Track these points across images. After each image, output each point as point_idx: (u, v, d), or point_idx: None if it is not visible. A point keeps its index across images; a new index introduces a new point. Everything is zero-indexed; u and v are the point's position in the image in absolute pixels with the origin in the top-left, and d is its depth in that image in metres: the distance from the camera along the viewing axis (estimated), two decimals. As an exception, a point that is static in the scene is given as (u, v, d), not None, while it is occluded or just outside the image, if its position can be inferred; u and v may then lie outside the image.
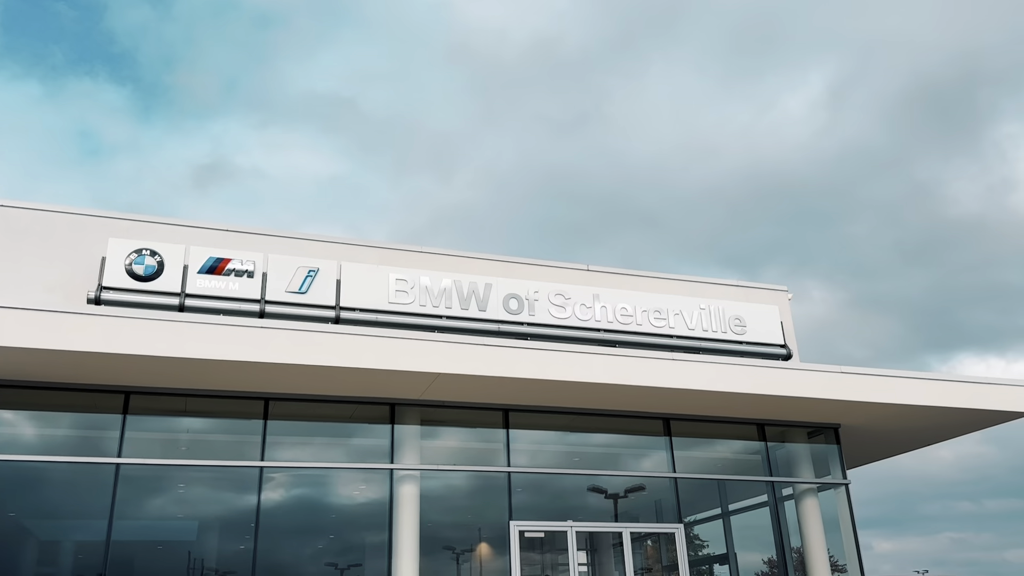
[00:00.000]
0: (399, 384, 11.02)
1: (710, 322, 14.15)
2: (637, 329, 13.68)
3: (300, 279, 12.19)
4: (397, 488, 11.44)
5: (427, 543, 11.47)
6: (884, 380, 12.47)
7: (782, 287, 15.22)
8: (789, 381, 12.11)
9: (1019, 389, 13.04)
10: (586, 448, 13.10)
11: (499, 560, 11.68)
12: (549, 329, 13.13)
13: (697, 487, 13.19)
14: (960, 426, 13.85)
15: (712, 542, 13.74)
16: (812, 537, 13.26)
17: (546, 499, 12.51)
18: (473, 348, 10.85)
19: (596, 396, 11.85)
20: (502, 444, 12.11)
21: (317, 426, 11.84)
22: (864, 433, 13.89)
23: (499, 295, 13.10)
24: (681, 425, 13.04)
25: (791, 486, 13.56)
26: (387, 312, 12.43)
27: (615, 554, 12.53)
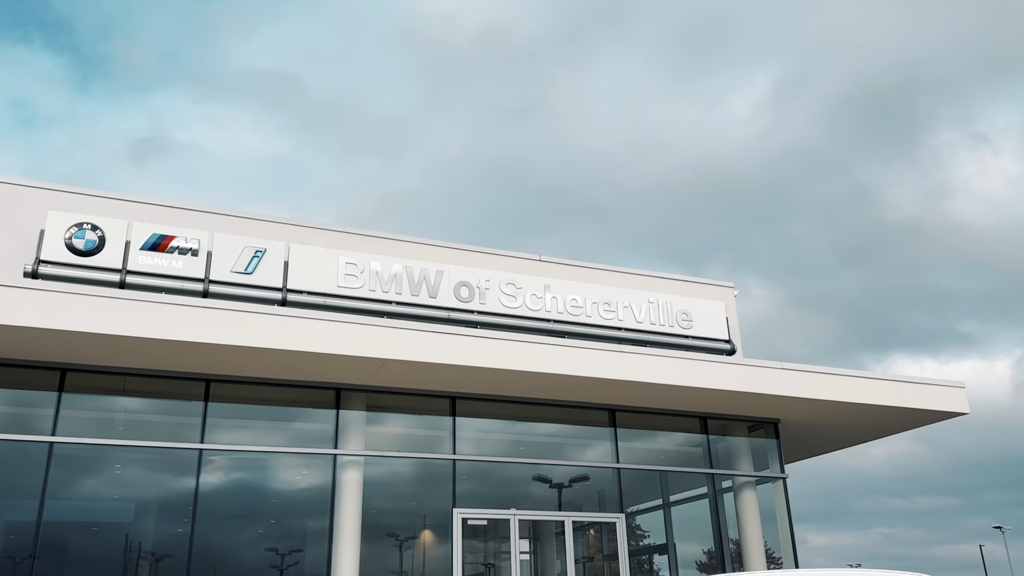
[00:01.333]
0: (346, 369, 10.92)
1: (658, 316, 14.31)
2: (587, 321, 13.77)
3: (246, 259, 11.97)
4: (340, 474, 11.35)
5: (370, 530, 11.41)
6: (823, 377, 12.78)
7: (728, 283, 15.48)
8: (732, 376, 12.33)
9: (951, 390, 13.48)
10: (532, 437, 13.16)
11: (442, 548, 11.69)
12: (500, 318, 13.13)
13: (640, 478, 13.36)
14: (895, 424, 14.28)
15: (653, 532, 13.95)
16: (749, 529, 13.55)
17: (490, 487, 12.55)
18: (422, 335, 10.80)
19: (544, 386, 11.91)
20: (448, 432, 12.09)
21: (260, 409, 11.66)
22: (802, 429, 14.23)
23: (450, 282, 13.06)
24: (626, 416, 13.19)
25: (731, 479, 13.83)
26: (336, 296, 12.30)
27: (557, 543, 12.64)
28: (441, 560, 11.57)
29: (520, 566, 11.92)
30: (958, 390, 13.50)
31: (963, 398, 13.50)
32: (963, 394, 13.51)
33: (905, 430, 14.64)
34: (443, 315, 12.72)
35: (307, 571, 11.35)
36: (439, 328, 11.05)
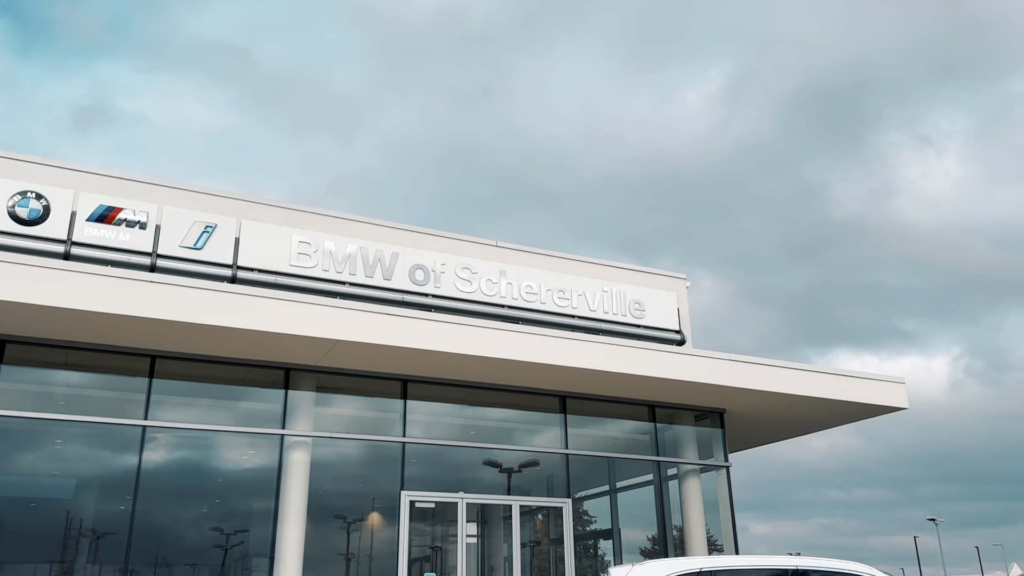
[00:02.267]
0: (296, 349, 10.82)
1: (611, 304, 14.45)
2: (541, 307, 13.83)
3: (196, 234, 11.75)
4: (287, 454, 11.26)
5: (316, 511, 11.36)
6: (769, 369, 13.05)
7: (681, 275, 15.67)
8: (681, 366, 12.52)
9: (892, 386, 13.88)
10: (483, 422, 13.21)
11: (389, 530, 11.68)
12: (454, 302, 13.12)
13: (588, 464, 13.51)
14: (837, 417, 14.66)
15: (599, 517, 14.14)
16: (692, 516, 13.81)
17: (439, 471, 12.57)
18: (375, 317, 10.75)
19: (496, 371, 11.95)
20: (398, 414, 12.07)
21: (206, 387, 11.49)
22: (747, 419, 14.53)
23: (405, 265, 13.00)
24: (577, 403, 13.31)
25: (676, 466, 14.07)
26: (288, 275, 12.15)
27: (504, 527, 12.73)
28: (388, 543, 11.57)
29: (467, 549, 11.98)
30: (898, 386, 13.90)
31: (903, 393, 13.91)
32: (903, 390, 13.92)
33: (847, 423, 15.05)
34: (397, 298, 12.66)
35: (252, 551, 11.25)
36: (392, 310, 10.99)
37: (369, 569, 12.16)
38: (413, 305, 12.53)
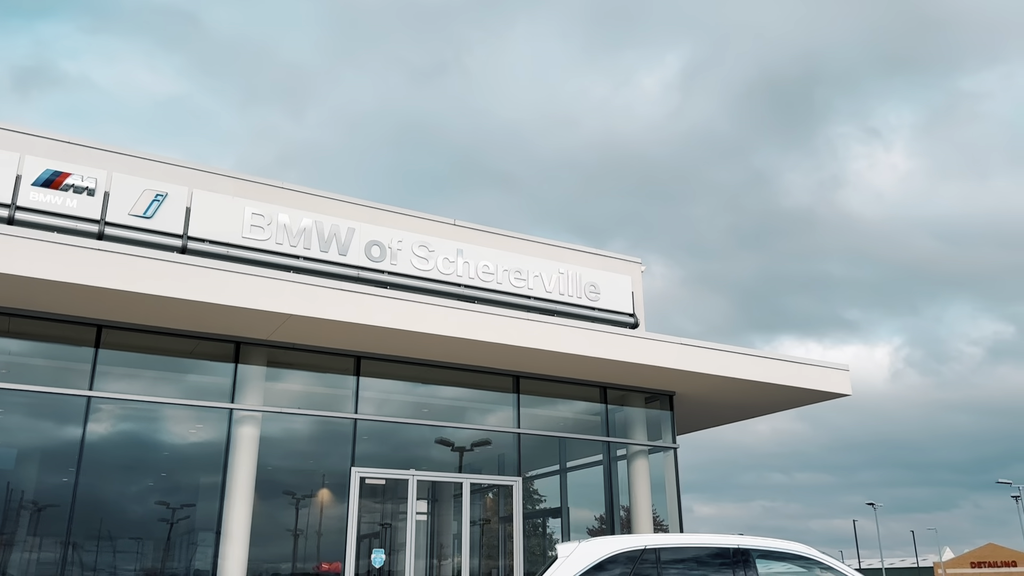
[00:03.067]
0: (247, 323, 10.67)
1: (567, 287, 14.53)
2: (498, 288, 13.85)
3: (146, 202, 11.48)
4: (236, 429, 11.14)
5: (265, 486, 11.27)
6: (719, 354, 13.28)
7: (636, 259, 15.83)
8: (634, 349, 12.67)
9: (836, 372, 14.24)
10: (435, 400, 13.22)
11: (338, 507, 11.65)
12: (411, 280, 13.06)
13: (539, 444, 13.62)
14: (782, 402, 15.00)
15: (548, 497, 14.30)
16: (639, 497, 14.04)
17: (391, 449, 12.55)
18: (328, 292, 10.65)
19: (450, 349, 11.95)
20: (351, 391, 12.01)
21: (154, 359, 11.28)
22: (695, 402, 14.78)
23: (361, 241, 12.88)
24: (530, 383, 13.40)
25: (625, 447, 14.27)
26: (240, 247, 11.96)
27: (455, 505, 12.79)
28: (337, 520, 11.55)
29: (416, 527, 12.02)
30: (842, 372, 14.27)
31: (846, 380, 14.28)
32: (847, 377, 14.29)
33: (791, 408, 15.41)
34: (353, 273, 12.56)
35: (198, 526, 11.13)
36: (346, 286, 10.91)
37: (318, 545, 12.13)
38: (368, 282, 12.44)
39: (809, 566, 6.56)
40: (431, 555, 12.77)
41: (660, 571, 6.56)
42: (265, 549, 11.26)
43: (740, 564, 6.48)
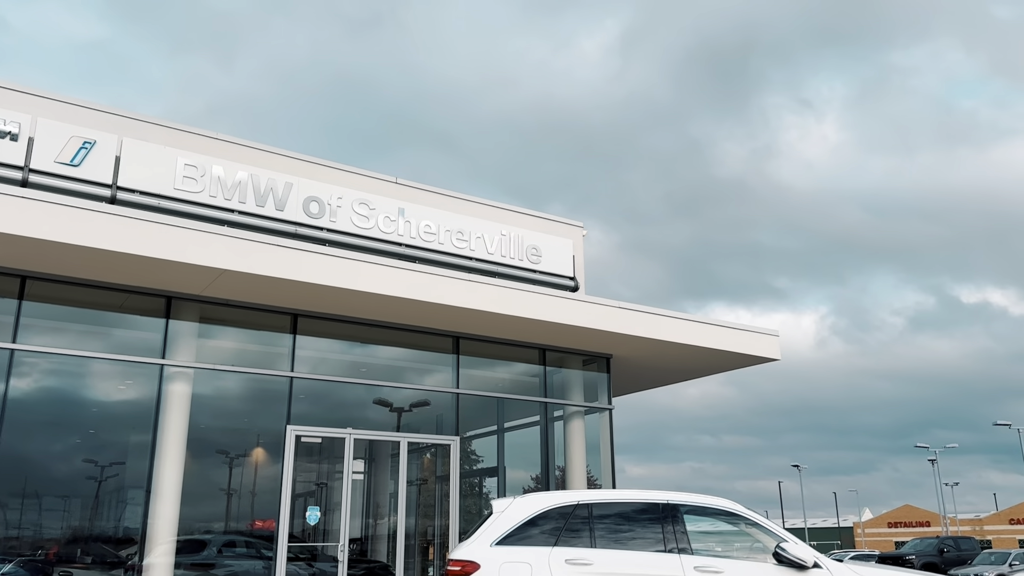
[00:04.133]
0: (179, 277, 10.39)
1: (509, 249, 14.53)
2: (439, 248, 13.77)
3: (73, 150, 11.01)
4: (167, 386, 10.89)
5: (197, 445, 11.09)
6: (655, 318, 13.51)
7: (578, 223, 15.90)
8: (573, 311, 12.78)
9: (766, 338, 14.64)
10: (374, 360, 13.14)
11: (273, 466, 11.55)
12: (350, 238, 12.86)
13: (478, 404, 13.69)
14: (715, 365, 15.36)
15: (485, 457, 14.43)
16: (575, 457, 14.29)
17: (328, 409, 12.44)
18: (264, 247, 10.43)
19: (389, 309, 11.87)
20: (287, 349, 11.84)
21: (81, 312, 10.91)
22: (631, 365, 15.04)
23: (299, 196, 12.61)
24: (470, 344, 13.42)
25: (562, 408, 14.46)
26: (172, 199, 11.59)
27: (392, 464, 12.80)
28: (272, 479, 11.45)
29: (353, 486, 12.00)
30: (772, 338, 14.68)
31: (776, 346, 14.70)
32: (776, 342, 14.71)
33: (723, 371, 15.81)
34: (290, 230, 12.30)
35: (128, 484, 10.91)
36: (283, 242, 10.69)
37: (252, 505, 12.03)
38: (306, 238, 12.21)
39: (735, 521, 6.78)
40: (367, 514, 12.80)
41: (592, 526, 6.70)
42: (197, 508, 11.12)
43: (669, 519, 6.66)
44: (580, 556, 6.48)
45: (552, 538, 6.63)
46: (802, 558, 6.22)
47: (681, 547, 6.48)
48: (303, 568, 11.47)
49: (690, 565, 6.34)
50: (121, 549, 10.64)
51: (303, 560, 11.51)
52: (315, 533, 11.85)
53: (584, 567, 6.41)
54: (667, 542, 6.52)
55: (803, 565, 6.22)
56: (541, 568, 6.43)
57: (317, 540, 11.82)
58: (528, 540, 6.65)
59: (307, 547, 11.63)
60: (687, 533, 6.58)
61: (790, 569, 6.24)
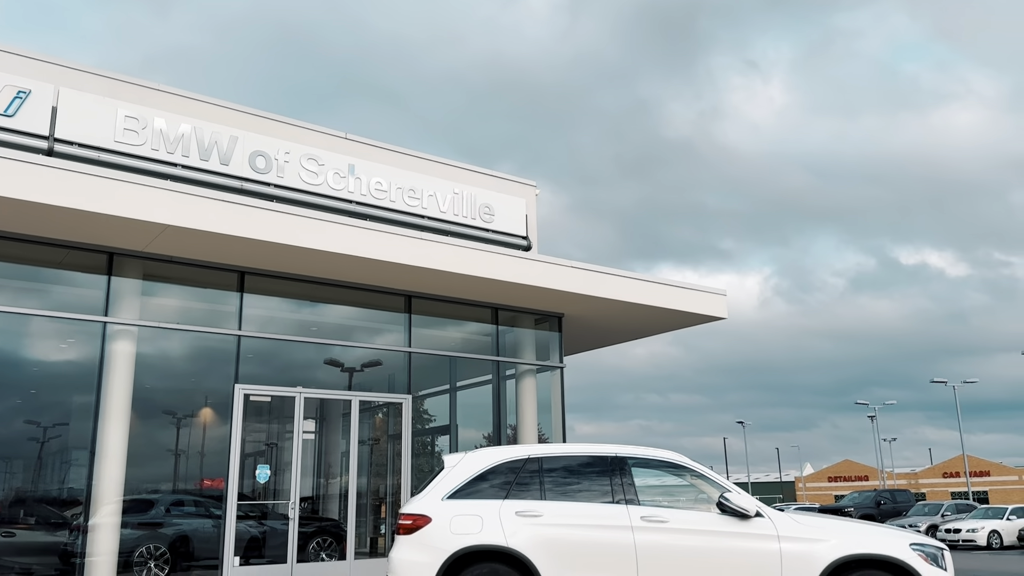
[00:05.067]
0: (120, 232, 10.09)
1: (461, 207, 14.43)
2: (390, 206, 13.59)
3: (7, 99, 10.53)
4: (110, 345, 10.64)
5: (143, 405, 10.89)
6: (607, 277, 13.61)
7: (531, 182, 15.84)
8: (526, 271, 12.79)
9: (714, 297, 14.88)
10: (325, 319, 13.01)
11: (222, 427, 11.42)
12: (298, 194, 12.61)
13: (430, 364, 13.69)
14: (664, 324, 15.57)
15: (438, 416, 14.48)
16: (526, 415, 14.43)
17: (278, 369, 12.29)
18: (210, 203, 10.17)
19: (339, 267, 11.72)
20: (234, 307, 11.64)
21: (19, 268, 10.53)
22: (582, 324, 15.17)
23: (245, 150, 12.30)
24: (422, 303, 13.37)
25: (514, 367, 14.55)
26: (112, 152, 11.19)
27: (343, 423, 12.76)
28: (220, 440, 11.32)
29: (303, 445, 11.95)
30: (720, 297, 14.93)
31: (723, 305, 14.95)
32: (724, 301, 14.96)
33: (673, 330, 16.04)
34: (236, 185, 12.00)
35: (71, 445, 10.69)
36: (229, 197, 10.43)
37: (201, 465, 11.91)
38: (253, 194, 11.93)
39: (681, 473, 6.93)
40: (319, 474, 12.78)
41: (542, 479, 6.79)
42: (144, 469, 10.97)
43: (616, 471, 6.78)
44: (530, 508, 6.57)
45: (503, 491, 6.71)
46: (745, 507, 6.40)
47: (628, 498, 6.61)
48: (254, 526, 11.43)
49: (637, 515, 6.48)
50: (66, 510, 10.47)
51: (253, 518, 11.47)
52: (265, 492, 11.80)
53: (534, 519, 6.51)
54: (615, 494, 6.64)
55: (745, 514, 6.40)
56: (492, 520, 6.51)
57: (267, 499, 11.77)
58: (479, 494, 6.72)
59: (257, 505, 11.59)
60: (634, 485, 6.71)
61: (733, 518, 6.42)
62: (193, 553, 10.95)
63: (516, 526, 6.42)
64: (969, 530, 27.41)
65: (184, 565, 10.84)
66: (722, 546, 6.31)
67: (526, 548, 6.33)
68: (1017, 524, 27.41)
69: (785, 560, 6.21)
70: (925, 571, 6.15)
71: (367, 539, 12.78)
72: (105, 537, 10.21)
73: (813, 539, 6.28)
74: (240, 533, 11.11)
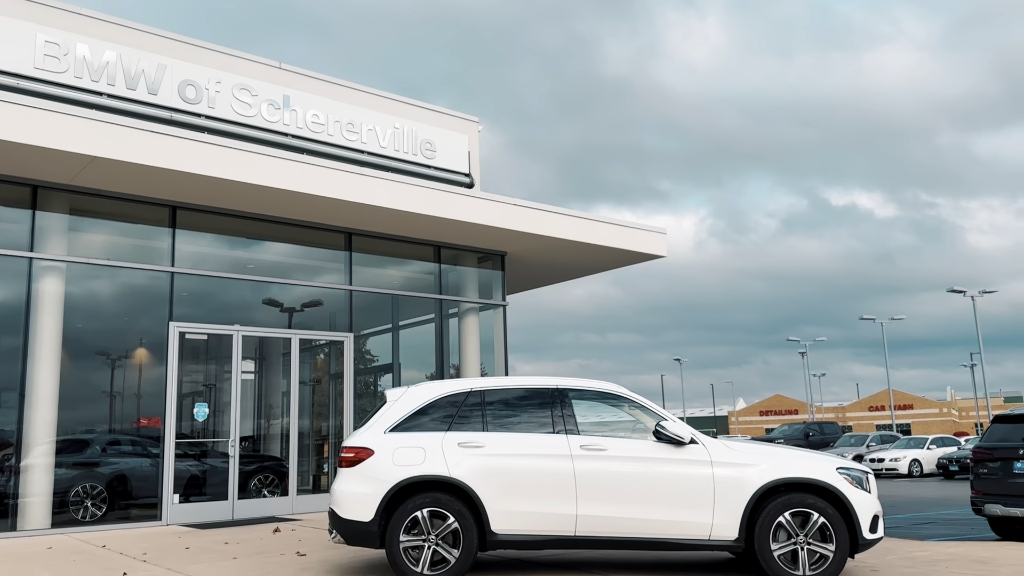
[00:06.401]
0: (44, 164, 9.63)
1: (402, 143, 14.16)
2: (328, 140, 13.25)
3: (-91, 20, 9.83)
4: (37, 283, 10.24)
5: (75, 346, 10.58)
6: (550, 215, 13.60)
7: (474, 117, 15.60)
8: (469, 208, 12.69)
9: (655, 235, 15.03)
10: (262, 257, 12.73)
11: (158, 367, 11.17)
12: (231, 126, 12.17)
13: (371, 303, 13.58)
14: (606, 262, 15.68)
15: (380, 356, 14.44)
16: (469, 354, 14.49)
17: (214, 310, 11.98)
18: (138, 134, 9.75)
19: (276, 203, 11.44)
20: (167, 243, 11.29)
21: (-68, 202, 10.01)
22: (525, 262, 15.20)
23: (174, 79, 11.77)
24: (363, 241, 13.18)
25: (457, 306, 14.55)
26: (32, 79, 10.60)
27: (284, 363, 12.62)
28: (157, 382, 11.09)
29: (243, 386, 11.80)
30: (660, 235, 15.09)
31: (663, 243, 15.13)
32: (664, 239, 15.14)
33: (614, 268, 16.18)
34: (164, 115, 11.51)
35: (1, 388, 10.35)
36: (158, 128, 10.02)
37: (138, 406, 11.66)
38: (183, 125, 11.46)
39: (619, 403, 7.06)
40: (259, 415, 12.66)
41: (484, 411, 6.84)
42: (78, 411, 10.69)
43: (557, 403, 6.87)
44: (472, 439, 6.63)
45: (445, 424, 6.75)
46: (680, 434, 6.57)
47: (569, 429, 6.72)
48: (194, 465, 11.33)
49: (576, 444, 6.60)
50: (-5, 452, 10.19)
51: (193, 457, 11.36)
52: (205, 432, 11.67)
53: (476, 449, 6.58)
54: (555, 424, 6.74)
55: (681, 441, 6.57)
56: (435, 452, 6.55)
57: (208, 438, 11.64)
58: (421, 426, 6.74)
59: (197, 444, 11.46)
60: (574, 416, 6.82)
61: (669, 445, 6.59)
62: (132, 492, 10.82)
63: (459, 457, 6.48)
64: (892, 459, 28.87)
65: (122, 504, 10.71)
66: (658, 471, 6.48)
67: (468, 478, 6.40)
68: (936, 453, 28.96)
69: (718, 483, 6.43)
70: (850, 493, 6.43)
71: (310, 477, 12.80)
72: (38, 478, 10.00)
73: (744, 464, 6.50)
74: (180, 472, 11.00)
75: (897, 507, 15.10)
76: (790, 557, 6.34)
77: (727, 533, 6.42)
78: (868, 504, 6.56)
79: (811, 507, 6.40)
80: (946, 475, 26.65)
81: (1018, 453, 9.58)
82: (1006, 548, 8.52)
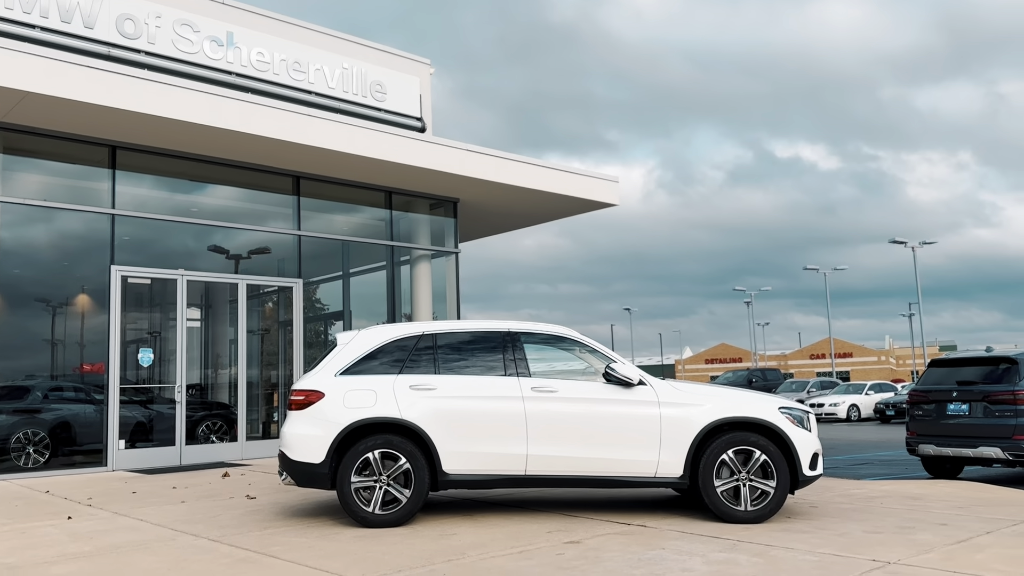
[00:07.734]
0: (-29, 99, 9.16)
1: (351, 84, 13.82)
2: (274, 79, 12.87)
3: None
4: (-31, 222, 9.83)
5: (11, 292, 10.24)
6: (504, 162, 13.48)
7: (425, 60, 15.27)
8: (420, 153, 12.50)
9: (607, 183, 15.05)
10: (207, 200, 12.40)
11: (100, 314, 10.88)
12: (171, 63, 11.73)
13: (322, 250, 13.37)
14: (559, 210, 15.67)
15: (331, 304, 14.29)
16: (421, 301, 14.43)
17: (158, 256, 11.64)
18: (73, 68, 9.33)
19: (221, 144, 11.11)
20: (107, 185, 10.92)
21: None
22: (477, 210, 15.10)
23: (111, 13, 11.25)
24: (311, 185, 12.92)
25: (409, 252, 14.42)
26: (-45, 8, 10.02)
27: (231, 311, 12.41)
28: (99, 329, 10.81)
29: (189, 334, 11.58)
30: (612, 184, 15.11)
31: (615, 192, 15.16)
32: (616, 188, 15.16)
33: (567, 216, 16.18)
34: (102, 51, 11.03)
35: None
36: (95, 63, 9.59)
37: (81, 354, 11.37)
38: (122, 61, 11.00)
39: (570, 347, 7.13)
40: (206, 364, 12.47)
41: (436, 355, 6.84)
42: (17, 360, 10.40)
43: (509, 346, 6.90)
44: (424, 382, 6.63)
45: (396, 367, 6.73)
46: (629, 376, 6.67)
47: (520, 371, 6.76)
48: (140, 411, 11.15)
49: (528, 386, 6.66)
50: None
51: (139, 403, 11.18)
52: (151, 378, 11.47)
53: (428, 392, 6.59)
54: (507, 367, 6.78)
55: (629, 382, 6.67)
56: (386, 394, 6.54)
57: (153, 384, 11.45)
58: (373, 370, 6.72)
59: (142, 390, 11.27)
60: (526, 359, 6.86)
61: (618, 386, 6.69)
62: (76, 438, 10.62)
63: (411, 399, 6.49)
64: (831, 404, 29.89)
65: (66, 450, 10.52)
66: (607, 411, 6.59)
67: (420, 419, 6.42)
68: (874, 399, 30.07)
69: (664, 423, 6.56)
70: (791, 432, 6.63)
71: (260, 424, 12.72)
72: (-24, 425, 9.74)
73: (690, 404, 6.64)
74: (126, 418, 10.83)
75: (836, 449, 15.67)
76: (732, 493, 6.52)
77: (673, 471, 6.58)
78: (808, 442, 6.77)
79: (754, 445, 6.58)
80: (883, 419, 27.72)
81: (951, 396, 9.97)
82: (937, 485, 8.92)
